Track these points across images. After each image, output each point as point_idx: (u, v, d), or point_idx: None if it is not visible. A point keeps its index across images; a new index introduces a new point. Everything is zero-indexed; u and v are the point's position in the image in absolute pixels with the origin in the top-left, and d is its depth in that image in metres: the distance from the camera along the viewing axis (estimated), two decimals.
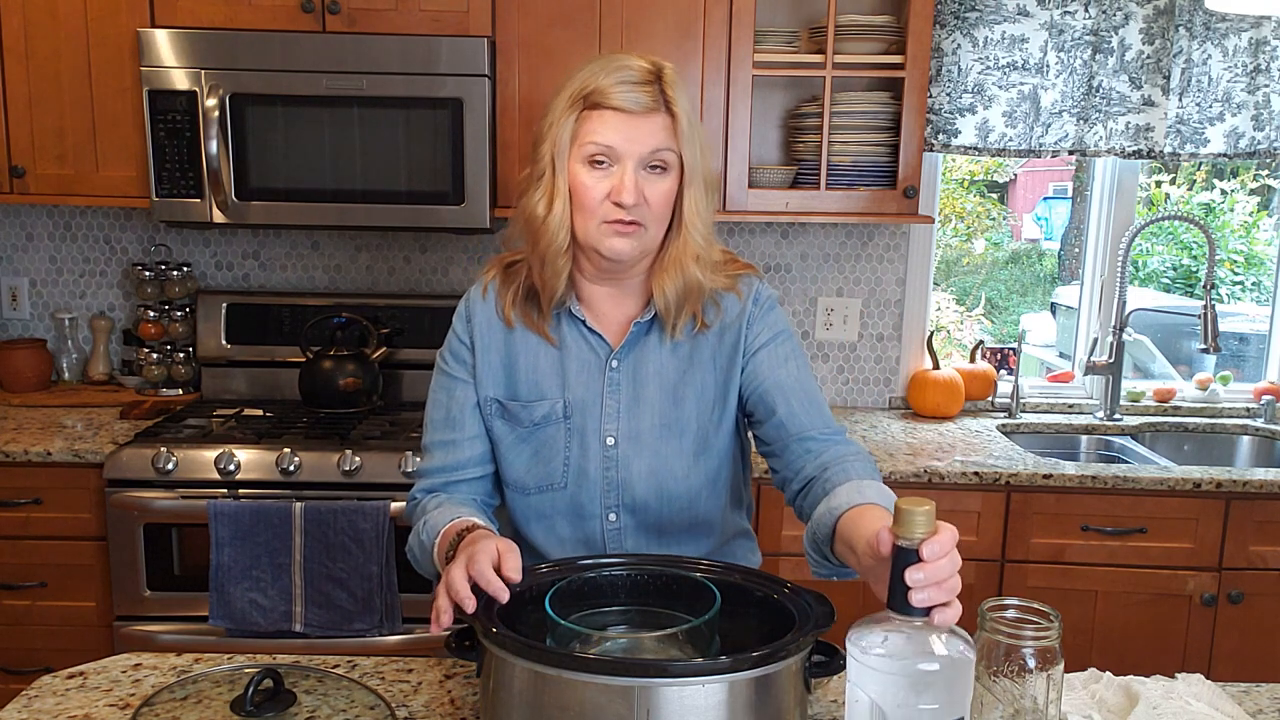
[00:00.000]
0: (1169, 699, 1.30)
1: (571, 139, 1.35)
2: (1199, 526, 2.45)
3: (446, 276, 3.03)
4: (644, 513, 1.46)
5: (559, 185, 1.35)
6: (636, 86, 1.32)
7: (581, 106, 1.34)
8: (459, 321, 1.49)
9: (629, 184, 1.32)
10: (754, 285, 1.49)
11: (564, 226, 1.36)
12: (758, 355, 1.46)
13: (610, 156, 1.33)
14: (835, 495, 1.24)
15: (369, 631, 2.35)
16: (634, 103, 1.32)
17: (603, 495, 1.45)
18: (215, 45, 2.48)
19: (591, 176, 1.34)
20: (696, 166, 1.37)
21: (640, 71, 1.33)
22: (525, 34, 2.57)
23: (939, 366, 3.01)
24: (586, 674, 0.97)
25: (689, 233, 1.39)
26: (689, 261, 1.39)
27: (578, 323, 1.46)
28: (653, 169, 1.35)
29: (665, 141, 1.34)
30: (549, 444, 1.45)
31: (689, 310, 1.43)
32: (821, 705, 1.28)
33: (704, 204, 1.39)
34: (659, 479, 1.44)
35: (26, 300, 3.03)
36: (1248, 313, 4.10)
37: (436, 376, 1.51)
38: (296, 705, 1.16)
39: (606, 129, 1.33)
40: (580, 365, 1.45)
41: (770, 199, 2.68)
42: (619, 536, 1.47)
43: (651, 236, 1.38)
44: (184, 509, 2.36)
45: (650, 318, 1.45)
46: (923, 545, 0.93)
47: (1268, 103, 2.82)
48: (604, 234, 1.35)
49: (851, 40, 2.64)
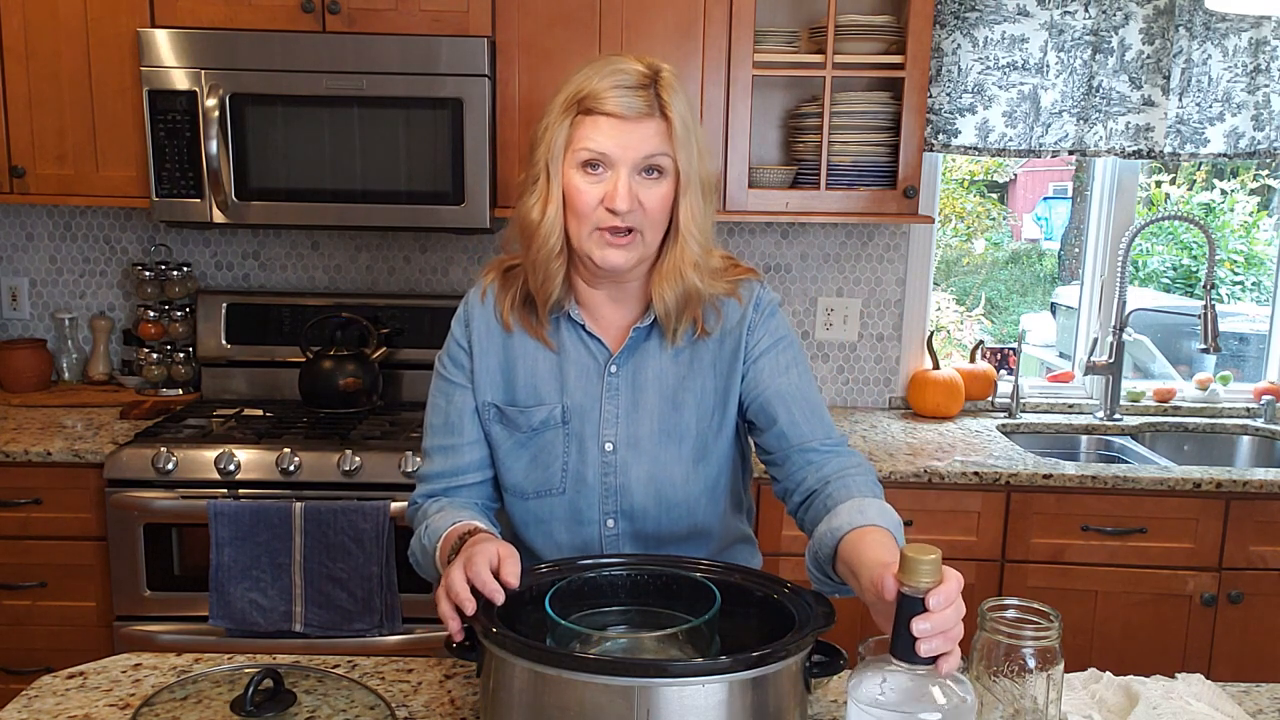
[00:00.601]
0: (1169, 699, 1.30)
1: (566, 144, 1.33)
2: (1199, 526, 2.45)
3: (446, 276, 3.03)
4: (642, 519, 1.45)
5: (553, 190, 1.34)
6: (631, 91, 1.31)
7: (576, 111, 1.33)
8: (457, 326, 1.49)
9: (622, 190, 1.31)
10: (755, 290, 1.47)
11: (555, 231, 1.35)
12: (759, 362, 1.45)
13: (604, 162, 1.32)
14: (836, 514, 1.24)
15: (369, 631, 2.35)
16: (627, 108, 1.31)
17: (601, 501, 1.44)
18: (215, 45, 2.48)
19: (585, 181, 1.33)
20: (692, 172, 1.35)
21: (636, 75, 1.32)
22: (525, 34, 2.57)
23: (939, 366, 3.01)
24: (586, 674, 0.97)
25: (686, 240, 1.37)
26: (687, 269, 1.38)
27: (577, 327, 1.45)
28: (647, 174, 1.33)
29: (659, 147, 1.32)
30: (547, 449, 1.45)
31: (689, 316, 1.42)
32: (821, 705, 1.28)
33: (701, 210, 1.37)
34: (657, 485, 1.43)
35: (26, 300, 3.03)
36: (1248, 313, 4.10)
37: (435, 381, 1.50)
38: (296, 705, 1.16)
39: (600, 134, 1.31)
40: (579, 370, 1.44)
41: (770, 199, 2.68)
42: (616, 543, 1.46)
43: (648, 244, 1.36)
44: (184, 509, 2.36)
45: (650, 323, 1.44)
46: (929, 595, 0.93)
47: (1268, 103, 2.82)
48: (597, 243, 1.34)
49: (851, 40, 2.64)
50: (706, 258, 1.40)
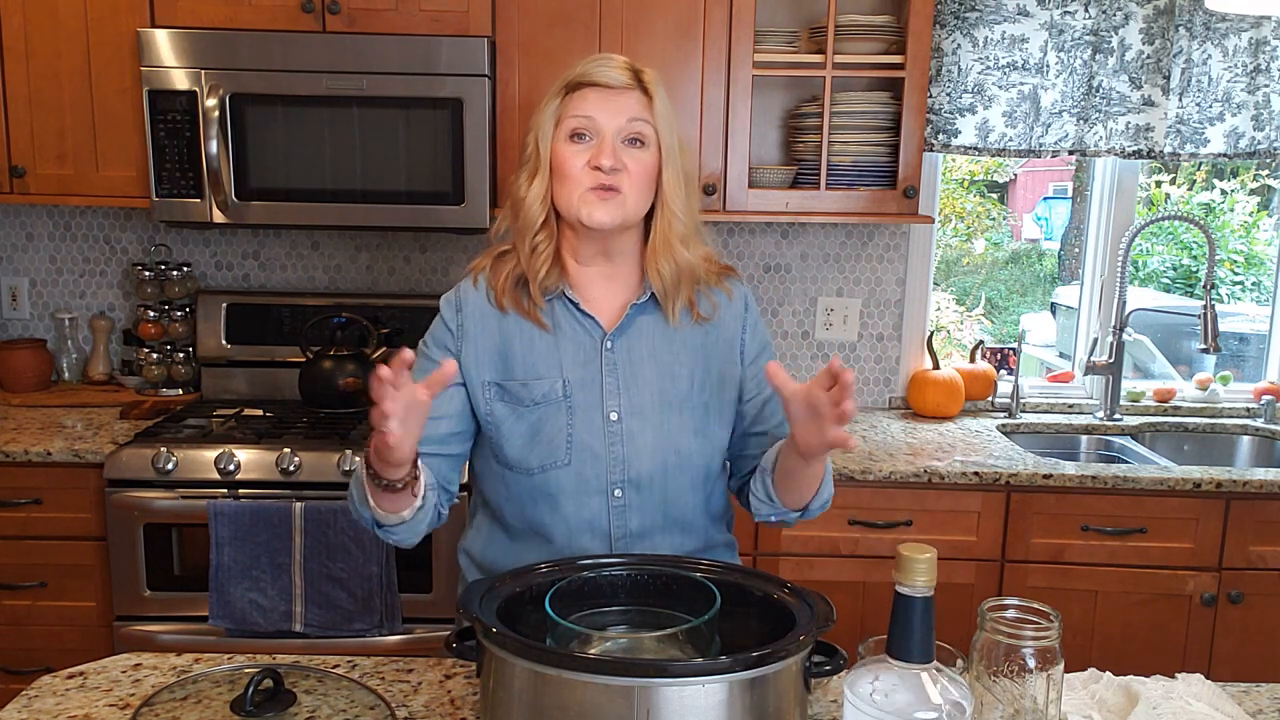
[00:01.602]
0: (1169, 699, 1.31)
1: (555, 122, 1.43)
2: (1199, 526, 2.45)
3: (446, 276, 3.02)
4: (649, 488, 1.46)
5: (541, 165, 1.44)
6: (614, 67, 1.42)
7: (564, 93, 1.43)
8: (447, 309, 1.52)
9: (608, 148, 1.40)
10: (743, 289, 1.57)
11: (540, 200, 1.44)
12: (756, 364, 1.53)
13: (590, 129, 1.41)
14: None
15: (369, 631, 2.35)
16: (612, 79, 1.41)
17: (608, 470, 1.45)
18: (215, 45, 2.48)
19: (572, 149, 1.42)
20: (673, 149, 1.44)
21: (620, 61, 1.44)
22: (525, 34, 2.57)
23: (939, 366, 3.01)
24: (586, 674, 0.97)
25: (671, 210, 1.45)
26: (675, 243, 1.45)
27: (570, 306, 1.48)
28: (631, 143, 1.42)
29: (641, 114, 1.42)
30: (550, 421, 1.46)
31: (685, 295, 1.48)
32: (821, 705, 1.29)
33: (682, 186, 1.46)
34: (664, 454, 1.46)
35: (26, 300, 3.03)
36: (1248, 313, 4.10)
37: (415, 360, 1.50)
38: (296, 705, 1.16)
39: (586, 104, 1.41)
40: (575, 347, 1.47)
41: (770, 199, 2.68)
42: (624, 514, 1.46)
43: (632, 205, 1.43)
44: (184, 509, 2.36)
45: (646, 299, 1.49)
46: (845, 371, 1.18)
47: (1268, 103, 2.82)
48: (584, 203, 1.41)
49: (851, 40, 2.64)
50: (692, 234, 1.48)
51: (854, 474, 2.44)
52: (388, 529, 1.38)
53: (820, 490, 1.44)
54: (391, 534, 1.40)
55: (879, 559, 2.47)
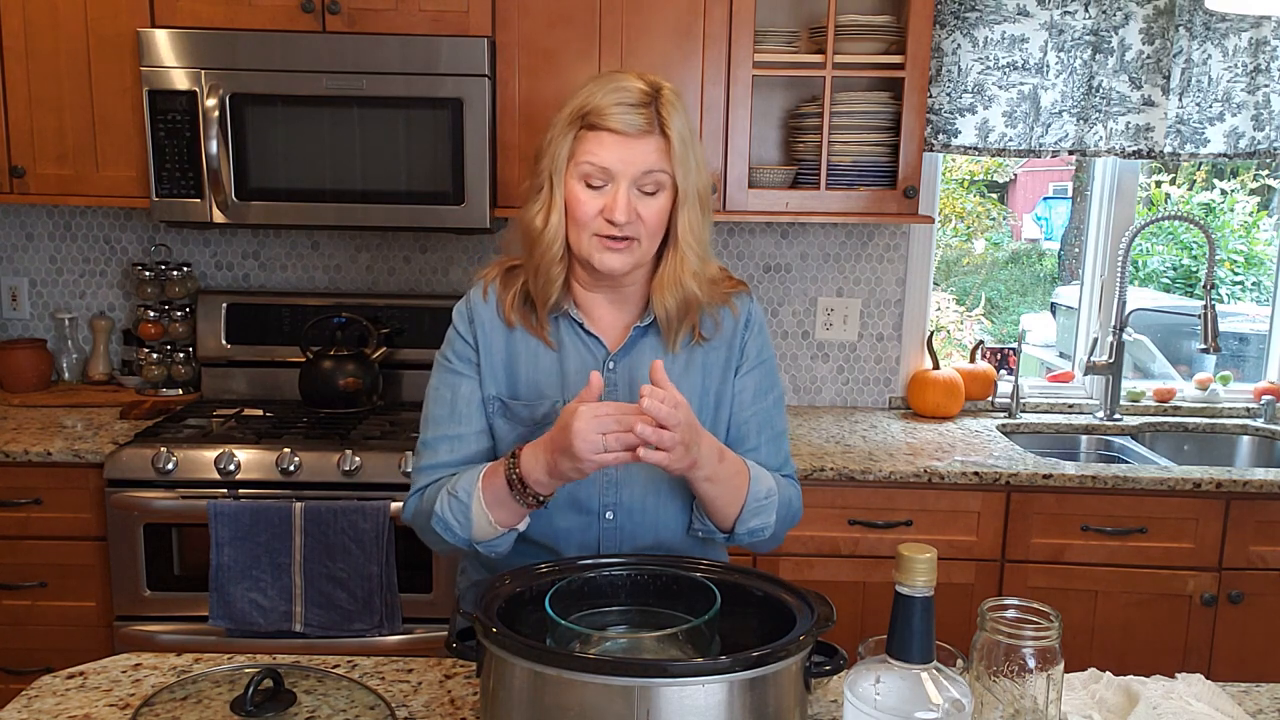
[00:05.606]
0: (1169, 699, 1.31)
1: (569, 157, 1.40)
2: (1199, 526, 2.45)
3: (446, 276, 3.03)
4: (641, 511, 1.47)
5: (556, 200, 1.41)
6: (632, 109, 1.37)
7: (579, 125, 1.39)
8: (461, 322, 1.51)
9: (621, 203, 1.37)
10: (748, 304, 1.55)
11: (558, 239, 1.42)
12: (745, 379, 1.53)
13: (605, 177, 1.38)
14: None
15: (369, 631, 2.35)
16: (629, 125, 1.36)
17: (600, 493, 1.46)
18: (215, 45, 2.48)
19: (586, 193, 1.39)
20: (690, 187, 1.41)
21: (637, 93, 1.38)
22: (525, 34, 2.57)
23: (939, 366, 3.01)
24: (586, 674, 0.97)
25: (684, 251, 1.43)
26: (686, 278, 1.44)
27: (575, 326, 1.49)
28: (645, 189, 1.39)
29: (658, 163, 1.38)
30: None
31: (688, 323, 1.48)
32: (821, 705, 1.29)
33: (699, 223, 1.44)
34: (656, 478, 1.45)
35: (26, 300, 3.03)
36: (1248, 313, 4.10)
37: (438, 374, 1.52)
38: (296, 705, 1.16)
39: (602, 150, 1.37)
40: (578, 367, 1.48)
41: (770, 199, 2.68)
42: (615, 536, 1.48)
43: (644, 250, 1.42)
44: (184, 509, 2.36)
45: (649, 323, 1.49)
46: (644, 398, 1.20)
47: (1268, 103, 2.82)
48: (595, 248, 1.40)
49: (851, 40, 2.64)
50: (704, 267, 1.46)
51: (854, 474, 2.44)
52: (491, 543, 1.39)
53: (743, 518, 1.42)
54: (495, 546, 1.40)
55: (879, 559, 2.47)
